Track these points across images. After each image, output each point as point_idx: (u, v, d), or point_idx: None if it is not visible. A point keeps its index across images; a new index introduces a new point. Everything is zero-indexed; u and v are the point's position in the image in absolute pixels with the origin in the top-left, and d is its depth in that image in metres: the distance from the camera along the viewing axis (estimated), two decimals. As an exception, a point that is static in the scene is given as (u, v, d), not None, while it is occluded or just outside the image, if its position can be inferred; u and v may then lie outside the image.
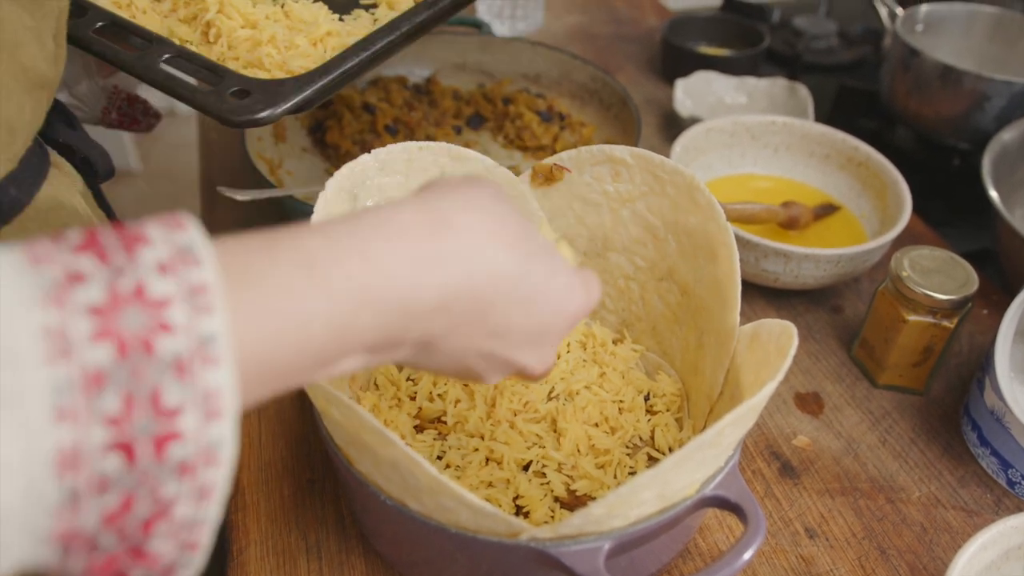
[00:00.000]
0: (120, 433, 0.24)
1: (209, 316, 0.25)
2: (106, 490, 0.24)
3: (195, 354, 0.25)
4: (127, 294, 0.24)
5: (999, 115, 0.91)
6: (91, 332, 0.23)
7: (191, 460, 0.25)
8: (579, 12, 1.34)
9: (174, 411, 0.24)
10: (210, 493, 0.26)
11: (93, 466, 0.23)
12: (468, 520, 0.43)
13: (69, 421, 0.23)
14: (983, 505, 0.61)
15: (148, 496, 0.25)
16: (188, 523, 0.26)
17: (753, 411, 0.43)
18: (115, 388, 0.24)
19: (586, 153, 0.59)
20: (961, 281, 0.64)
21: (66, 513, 0.23)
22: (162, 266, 0.25)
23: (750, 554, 0.43)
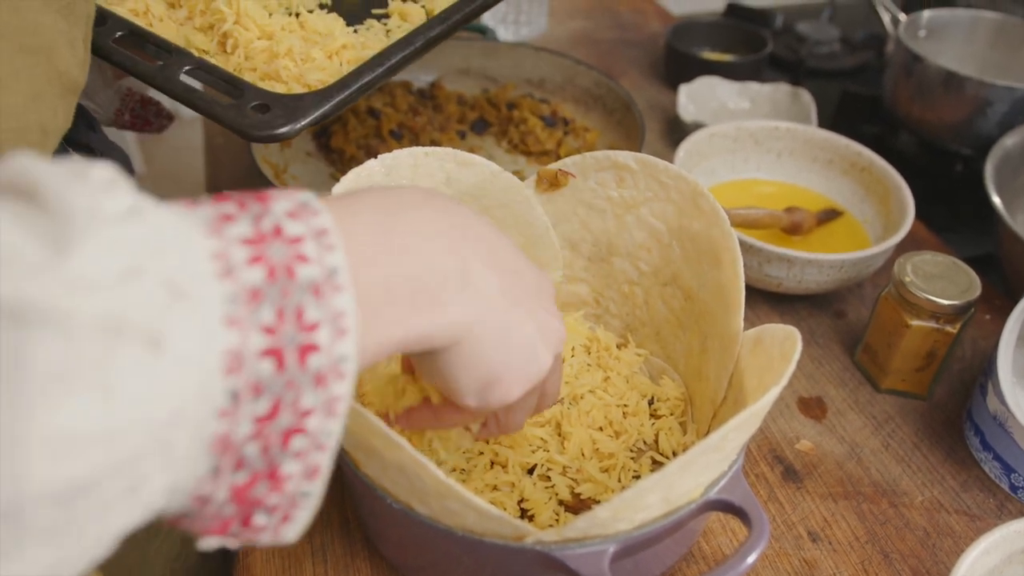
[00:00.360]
0: (274, 340, 0.28)
1: (332, 253, 0.30)
2: (260, 393, 0.28)
3: (326, 281, 0.29)
4: (268, 232, 0.29)
5: (1001, 121, 0.91)
6: (247, 257, 0.28)
7: (324, 371, 0.29)
8: (583, 17, 1.35)
9: (313, 326, 0.29)
10: (336, 407, 0.30)
11: (251, 368, 0.27)
12: (474, 523, 0.43)
13: (236, 327, 0.27)
14: (986, 510, 0.62)
15: (291, 405, 0.28)
16: (316, 439, 0.30)
17: (757, 416, 0.43)
18: (270, 303, 0.28)
19: (591, 159, 0.59)
20: (964, 286, 0.64)
21: (227, 416, 0.27)
22: (290, 213, 0.30)
23: (754, 558, 0.43)
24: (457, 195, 0.58)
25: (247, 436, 0.28)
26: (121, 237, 0.25)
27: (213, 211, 0.29)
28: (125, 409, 0.24)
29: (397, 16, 0.68)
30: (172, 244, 0.26)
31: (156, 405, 0.25)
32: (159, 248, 0.26)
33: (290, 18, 0.66)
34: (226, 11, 0.63)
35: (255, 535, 0.31)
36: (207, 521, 0.30)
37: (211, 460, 0.27)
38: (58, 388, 0.23)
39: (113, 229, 0.25)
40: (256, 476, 0.29)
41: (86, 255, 0.24)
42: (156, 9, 0.64)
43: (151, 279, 0.25)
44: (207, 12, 0.64)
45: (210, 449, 0.27)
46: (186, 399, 0.26)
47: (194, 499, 0.28)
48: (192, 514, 0.29)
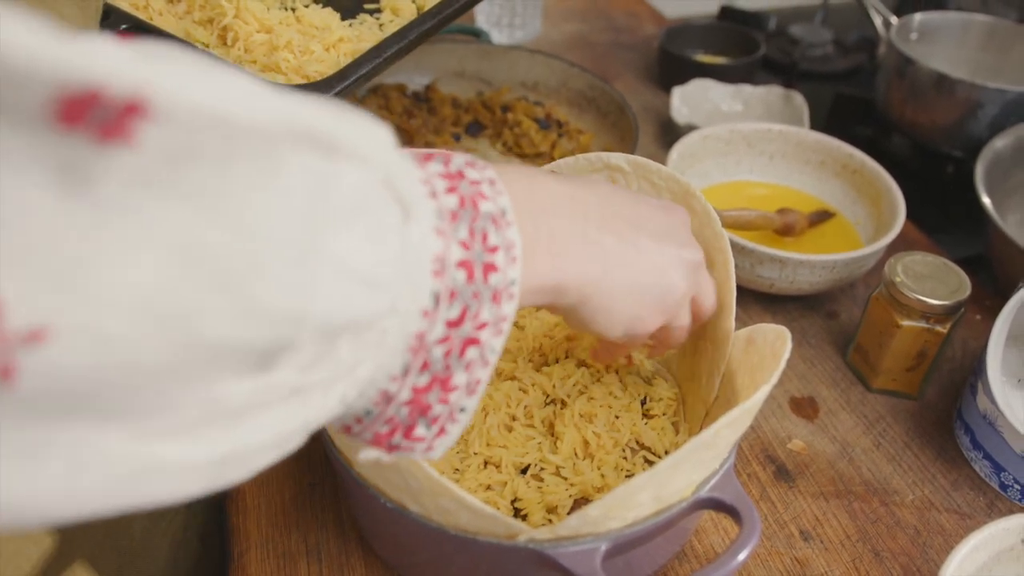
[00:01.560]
0: (468, 254, 0.32)
1: (502, 196, 0.35)
2: (454, 299, 0.32)
3: (500, 216, 0.34)
4: (455, 173, 0.34)
5: (992, 123, 0.92)
6: (445, 187, 0.33)
7: (500, 289, 0.33)
8: (577, 20, 1.35)
9: (494, 248, 0.33)
10: (503, 325, 0.34)
11: (451, 275, 0.31)
12: (467, 522, 0.43)
13: (442, 237, 0.32)
14: (976, 508, 0.62)
15: (474, 315, 0.32)
16: (484, 353, 0.33)
17: (748, 414, 0.44)
18: (464, 223, 0.33)
19: (583, 160, 0.59)
20: (954, 287, 0.65)
21: (427, 316, 0.31)
22: (468, 164, 0.35)
23: (745, 555, 0.43)
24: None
25: (437, 339, 0.32)
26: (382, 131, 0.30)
27: (412, 151, 0.34)
28: (384, 259, 0.28)
29: (389, 11, 0.70)
30: (401, 164, 0.30)
31: (395, 275, 0.29)
32: (396, 163, 0.30)
33: (287, 13, 0.67)
34: (226, 5, 0.64)
35: (412, 445, 0.34)
36: (379, 426, 0.33)
37: (406, 358, 0.31)
38: (351, 217, 0.27)
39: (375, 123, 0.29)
40: (434, 379, 0.33)
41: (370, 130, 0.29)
42: (156, 3, 0.66)
43: (403, 172, 0.30)
44: (206, 6, 0.66)
45: (408, 346, 0.31)
46: (404, 289, 0.30)
47: (380, 396, 0.32)
48: (371, 414, 0.33)
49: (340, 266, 0.26)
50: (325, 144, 0.26)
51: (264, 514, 0.59)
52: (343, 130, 0.27)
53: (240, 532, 0.58)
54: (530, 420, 0.57)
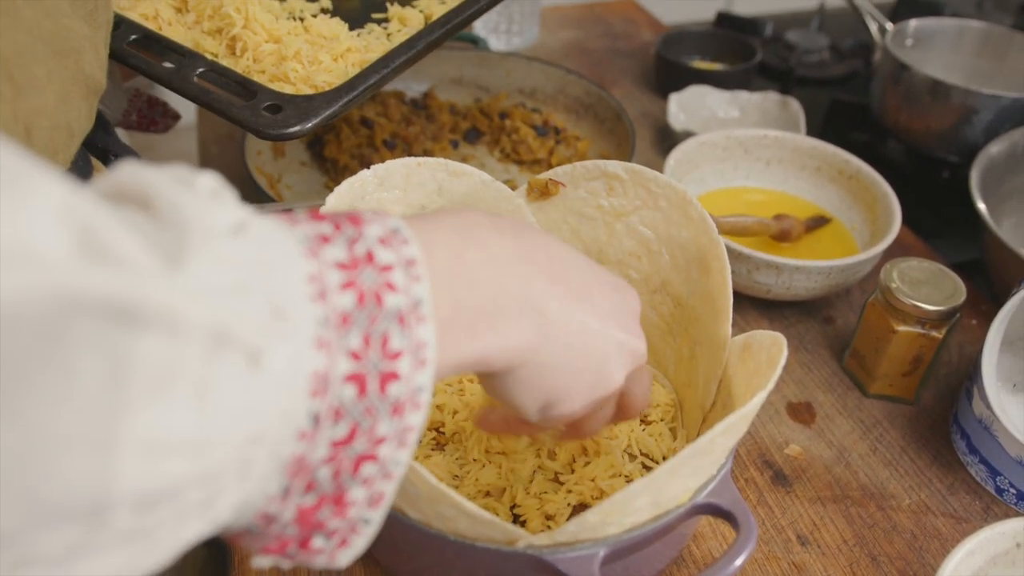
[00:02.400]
0: (358, 366, 0.28)
1: (419, 283, 0.30)
2: (340, 418, 0.28)
3: (411, 311, 0.30)
4: (362, 257, 0.29)
5: (987, 128, 0.93)
6: (340, 282, 0.28)
7: (403, 400, 0.29)
8: (574, 27, 1.36)
9: (396, 354, 0.29)
10: (408, 437, 0.30)
11: (335, 392, 0.28)
12: (466, 528, 0.44)
13: (325, 350, 0.27)
14: (972, 512, 0.62)
15: (367, 432, 0.29)
16: (385, 467, 0.30)
17: (744, 420, 0.44)
18: (358, 329, 0.28)
19: (581, 168, 0.60)
20: (949, 292, 0.65)
21: (305, 438, 0.28)
22: (382, 240, 0.30)
23: (742, 560, 0.44)
24: (449, 204, 0.59)
25: (321, 459, 0.28)
26: (231, 252, 0.26)
27: (311, 230, 0.29)
28: (218, 421, 0.25)
29: (396, 21, 0.71)
30: (275, 263, 0.27)
31: (245, 420, 0.25)
32: (263, 266, 0.27)
33: (295, 23, 0.68)
34: (235, 16, 0.65)
35: (311, 557, 0.31)
36: (267, 540, 0.30)
37: (284, 481, 0.28)
38: (158, 390, 0.23)
39: (224, 244, 0.26)
40: (323, 499, 0.29)
41: (200, 266, 0.25)
42: (165, 14, 0.67)
43: (257, 296, 0.26)
44: (215, 17, 0.66)
45: (285, 470, 0.28)
46: (271, 419, 0.26)
47: (260, 517, 0.29)
48: (254, 531, 0.30)
49: (148, 445, 0.23)
50: (121, 313, 0.23)
51: (264, 521, 0.59)
52: (150, 285, 0.23)
53: (240, 539, 0.58)
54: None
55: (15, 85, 0.42)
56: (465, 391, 0.60)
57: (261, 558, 0.31)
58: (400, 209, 0.58)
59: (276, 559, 0.31)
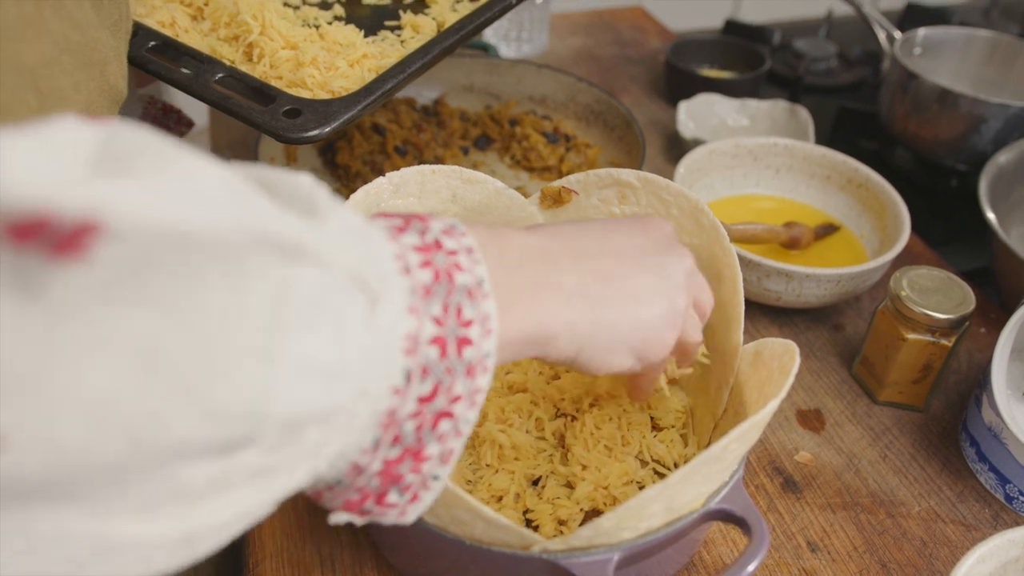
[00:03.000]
0: (441, 330, 0.32)
1: (479, 265, 0.35)
2: (426, 375, 0.32)
3: (476, 288, 0.34)
4: (431, 244, 0.34)
5: (995, 137, 0.93)
6: (419, 261, 0.33)
7: (474, 363, 0.33)
8: (583, 34, 1.37)
9: (468, 322, 0.33)
10: (477, 398, 0.34)
11: (423, 352, 0.32)
12: (482, 532, 0.44)
13: (415, 315, 0.32)
14: (981, 520, 0.63)
15: (447, 390, 0.33)
16: (457, 424, 0.34)
17: (757, 427, 0.45)
18: (438, 298, 0.32)
19: (593, 176, 0.60)
20: (958, 300, 0.66)
21: (399, 394, 0.31)
22: (445, 231, 0.35)
23: (754, 566, 0.44)
24: (463, 211, 0.60)
25: (409, 414, 0.32)
26: (350, 220, 0.30)
27: (387, 223, 0.34)
28: (348, 355, 0.28)
29: (409, 28, 0.72)
30: (371, 239, 0.32)
31: (362, 363, 0.29)
32: (366, 237, 0.31)
33: (311, 30, 0.69)
34: (252, 23, 0.66)
35: (384, 511, 0.35)
36: (350, 493, 0.33)
37: (377, 433, 0.31)
38: (311, 316, 0.27)
39: (343, 212, 0.30)
40: (406, 452, 0.33)
41: (332, 225, 0.29)
42: (181, 21, 0.67)
43: (370, 258, 0.30)
44: (231, 24, 0.67)
45: (379, 423, 0.31)
46: (376, 371, 0.30)
47: (351, 468, 0.32)
48: (342, 484, 0.33)
49: (301, 366, 0.27)
50: (287, 248, 0.27)
51: (278, 525, 0.60)
52: (306, 231, 0.28)
53: (255, 543, 0.59)
54: (541, 433, 0.58)
55: (41, 95, 0.43)
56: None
57: (339, 515, 0.34)
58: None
59: (352, 516, 0.34)
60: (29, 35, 0.41)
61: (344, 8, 0.75)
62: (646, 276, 0.43)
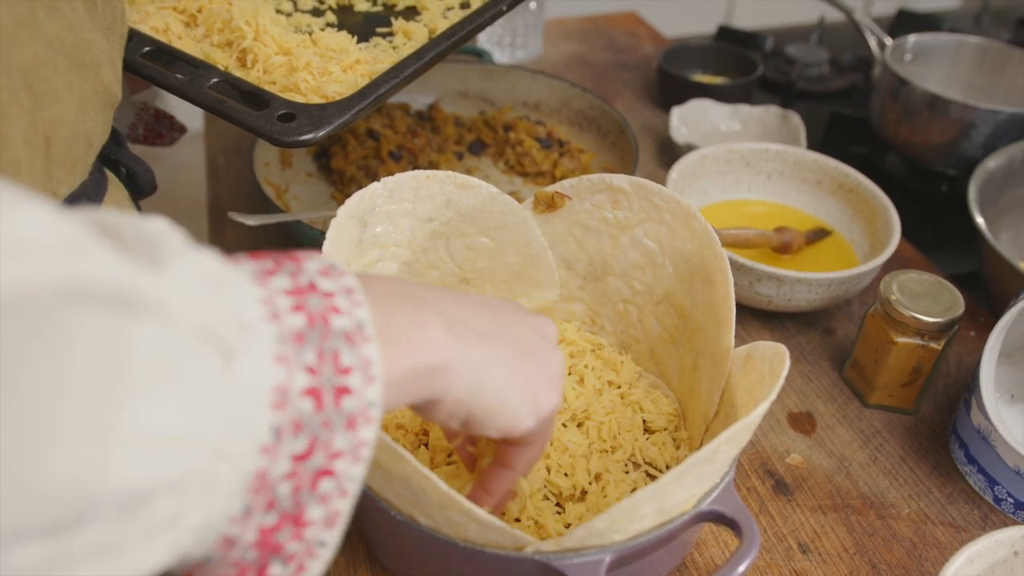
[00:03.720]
0: (315, 380, 0.30)
1: (360, 308, 0.32)
2: (300, 431, 0.29)
3: (356, 332, 0.31)
4: (305, 286, 0.31)
5: (985, 143, 0.94)
6: (290, 306, 0.30)
7: (356, 414, 0.31)
8: (577, 40, 1.37)
9: (347, 369, 0.31)
10: (362, 452, 0.31)
11: (294, 405, 0.29)
12: (476, 534, 0.45)
13: (284, 364, 0.29)
14: (970, 521, 0.63)
15: (324, 445, 0.30)
16: (341, 483, 0.31)
17: (747, 429, 0.45)
18: (311, 345, 0.30)
19: (586, 181, 0.61)
20: (948, 304, 0.66)
21: (267, 453, 0.28)
22: (322, 271, 0.32)
23: (744, 567, 0.45)
24: (457, 216, 0.60)
25: (282, 475, 0.29)
26: (201, 264, 0.28)
27: (255, 266, 0.31)
28: (197, 419, 0.26)
29: (401, 34, 0.72)
30: (233, 282, 0.29)
31: (218, 426, 0.26)
32: (225, 283, 0.28)
33: (303, 35, 0.69)
34: (246, 29, 0.66)
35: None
36: (224, 569, 0.30)
37: (245, 499, 0.29)
38: (151, 380, 0.24)
39: (193, 256, 0.28)
40: (283, 519, 0.30)
41: (178, 272, 0.27)
42: (175, 28, 0.68)
43: (225, 305, 0.28)
44: (225, 30, 0.68)
45: (247, 487, 0.28)
46: (237, 430, 0.27)
47: (221, 541, 0.29)
48: (214, 559, 0.30)
49: (140, 436, 0.24)
50: (118, 300, 0.24)
51: (273, 527, 0.60)
52: (146, 281, 0.25)
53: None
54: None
55: (34, 95, 0.43)
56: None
57: None
58: (409, 221, 0.59)
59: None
60: (23, 36, 0.42)
61: (336, 15, 0.75)
62: (525, 328, 0.43)
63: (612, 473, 0.56)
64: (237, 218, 0.73)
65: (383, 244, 0.59)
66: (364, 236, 0.57)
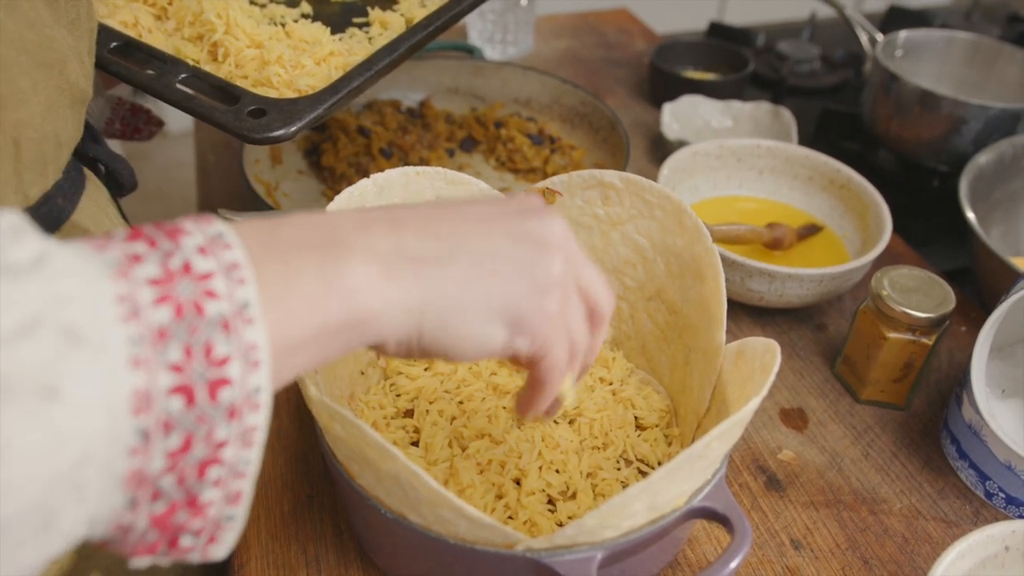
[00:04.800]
0: (182, 378, 0.28)
1: (243, 286, 0.30)
2: (171, 430, 0.28)
3: (236, 315, 0.29)
4: (177, 270, 0.29)
5: (975, 138, 0.94)
6: (153, 298, 0.28)
7: (238, 403, 0.29)
8: (568, 37, 1.37)
9: (223, 360, 0.29)
10: (252, 437, 0.30)
11: (160, 406, 0.27)
12: (466, 531, 0.44)
13: (142, 367, 0.27)
14: (962, 516, 0.63)
15: (204, 438, 0.29)
16: (234, 467, 0.30)
17: (738, 425, 0.45)
18: (177, 341, 0.28)
19: (577, 177, 0.61)
20: (939, 299, 0.66)
21: (138, 453, 0.27)
22: (201, 249, 0.30)
23: (736, 563, 0.45)
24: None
25: (161, 470, 0.28)
26: (19, 292, 0.25)
27: (122, 252, 0.28)
28: (22, 463, 0.24)
29: (378, 24, 0.71)
30: (75, 291, 0.26)
31: (57, 453, 0.25)
32: (60, 297, 0.26)
33: (277, 28, 0.68)
34: (216, 22, 0.65)
35: (183, 555, 0.31)
36: (132, 546, 0.30)
37: (126, 494, 0.28)
38: None
39: (11, 284, 0.25)
40: (175, 505, 0.29)
41: (18, 270, 0.25)
42: (145, 21, 0.66)
43: (47, 330, 0.25)
44: (196, 23, 0.67)
45: (124, 485, 0.27)
46: (92, 442, 0.26)
47: (115, 528, 0.29)
48: (116, 540, 0.29)
49: None
50: None
51: (264, 526, 0.60)
52: None
53: (240, 544, 0.59)
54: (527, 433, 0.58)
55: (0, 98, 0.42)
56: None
57: (136, 560, 0.31)
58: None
59: (152, 559, 0.31)
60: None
61: (312, 5, 0.74)
62: (499, 237, 0.38)
63: (604, 470, 0.56)
64: (227, 215, 0.72)
65: (373, 241, 0.58)
66: (354, 233, 0.57)
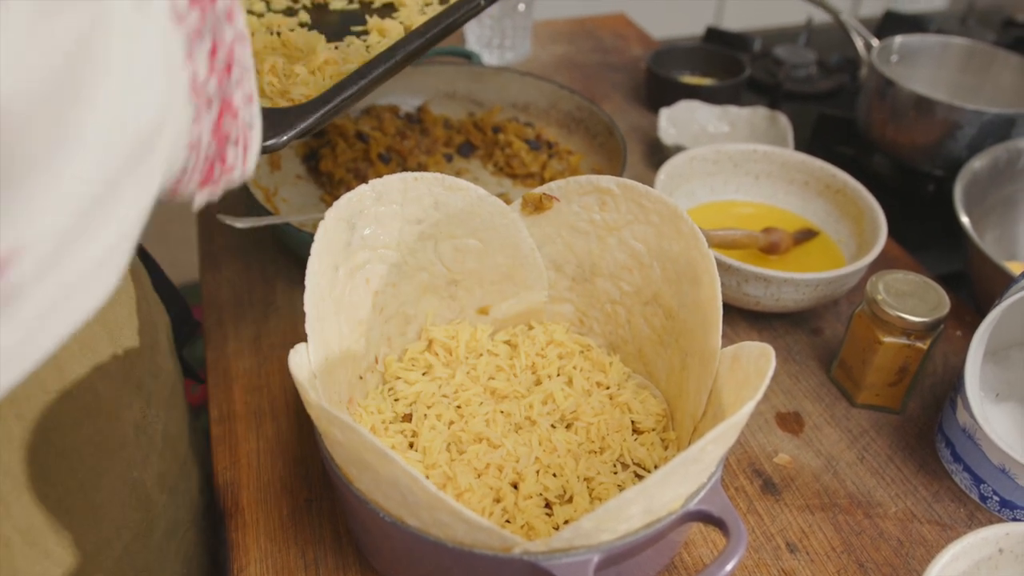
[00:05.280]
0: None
1: None
2: (201, 36, 0.33)
3: None
4: None
5: (970, 143, 0.95)
6: None
7: (230, 7, 0.35)
8: (565, 42, 1.38)
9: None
10: (244, 32, 0.36)
11: (188, 19, 0.32)
12: (464, 535, 0.45)
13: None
14: (957, 519, 0.64)
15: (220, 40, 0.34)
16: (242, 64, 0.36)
17: (734, 428, 0.45)
18: None
19: (574, 183, 0.61)
20: (933, 304, 0.67)
21: (190, 59, 0.33)
22: None
23: (732, 566, 0.45)
24: (445, 218, 0.60)
25: (205, 75, 0.34)
26: None
27: None
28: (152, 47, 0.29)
29: (376, 32, 0.70)
30: None
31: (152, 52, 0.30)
32: None
33: (272, 36, 0.68)
34: None
35: (231, 171, 0.38)
36: (199, 170, 0.36)
37: (192, 105, 0.34)
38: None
39: None
40: (222, 109, 0.36)
41: None
42: None
43: None
44: None
45: (189, 92, 0.33)
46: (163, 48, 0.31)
47: (190, 146, 0.34)
48: (189, 165, 0.35)
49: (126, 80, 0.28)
50: None
51: (263, 530, 0.60)
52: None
53: (239, 548, 0.59)
54: (524, 438, 0.59)
55: None
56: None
57: (199, 195, 0.37)
58: (397, 223, 0.59)
59: (209, 191, 0.37)
60: None
61: (310, 14, 0.73)
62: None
63: (600, 474, 0.57)
64: (226, 220, 0.72)
65: (372, 246, 0.59)
66: (353, 238, 0.57)
